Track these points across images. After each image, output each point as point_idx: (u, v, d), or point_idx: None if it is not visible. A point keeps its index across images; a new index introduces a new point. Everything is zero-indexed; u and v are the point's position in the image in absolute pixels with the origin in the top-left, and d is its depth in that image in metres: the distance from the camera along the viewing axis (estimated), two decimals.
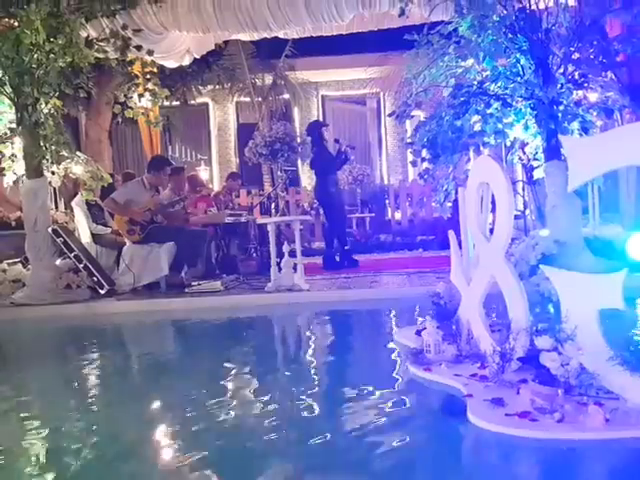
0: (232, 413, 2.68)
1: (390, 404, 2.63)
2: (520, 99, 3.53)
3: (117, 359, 4.18)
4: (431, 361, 3.03)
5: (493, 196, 2.99)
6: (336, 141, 7.92)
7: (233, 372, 3.51)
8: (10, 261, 7.10)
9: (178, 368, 3.75)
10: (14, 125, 6.40)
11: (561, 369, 2.32)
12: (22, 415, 2.86)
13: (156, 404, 3.00)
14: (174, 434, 2.51)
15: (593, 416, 2.13)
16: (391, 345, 3.75)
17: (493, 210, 3.13)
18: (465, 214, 3.32)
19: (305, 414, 2.62)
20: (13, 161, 6.71)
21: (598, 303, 2.34)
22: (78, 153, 7.65)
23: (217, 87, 13.66)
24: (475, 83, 3.61)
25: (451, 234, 3.48)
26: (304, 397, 2.85)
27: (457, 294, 3.41)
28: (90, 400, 3.14)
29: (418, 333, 3.38)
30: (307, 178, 13.79)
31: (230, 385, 3.24)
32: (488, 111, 3.49)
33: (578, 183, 2.58)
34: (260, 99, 13.58)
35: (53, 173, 6.73)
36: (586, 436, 2.10)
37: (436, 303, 3.48)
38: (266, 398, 2.87)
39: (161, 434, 2.57)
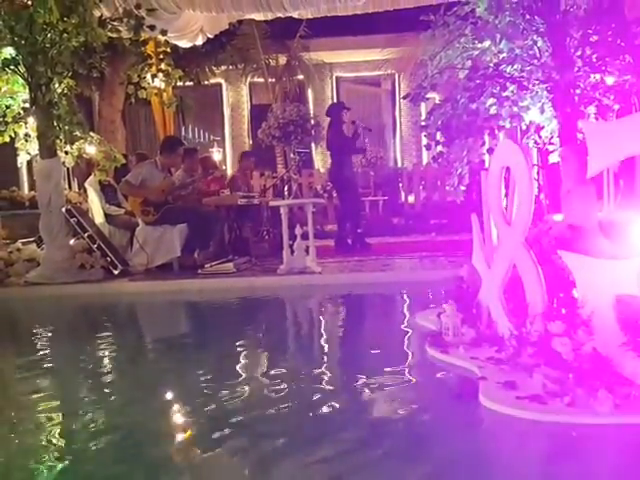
0: (244, 388, 2.71)
1: (402, 384, 2.65)
2: (536, 82, 3.49)
3: (129, 338, 4.21)
4: (450, 343, 3.03)
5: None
6: (353, 122, 7.89)
7: (245, 350, 3.54)
8: (24, 240, 7.16)
9: (190, 346, 3.77)
10: (28, 105, 6.42)
11: (572, 354, 2.31)
12: (37, 389, 2.91)
13: (169, 380, 3.03)
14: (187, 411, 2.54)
15: (602, 401, 2.13)
16: (410, 327, 3.76)
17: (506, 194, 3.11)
18: (487, 198, 3.29)
19: (318, 390, 2.64)
20: (27, 141, 6.76)
21: (614, 289, 2.33)
22: (91, 133, 7.69)
23: (230, 68, 13.62)
24: (491, 65, 3.57)
25: (474, 218, 3.44)
26: (317, 373, 2.89)
27: (479, 278, 3.39)
28: (102, 378, 3.18)
29: (439, 316, 3.38)
30: (320, 160, 13.75)
31: (242, 363, 3.26)
32: (504, 94, 3.46)
33: (598, 168, 2.54)
34: (274, 80, 13.52)
35: (67, 153, 6.76)
36: (594, 421, 2.10)
37: (457, 286, 3.46)
38: (279, 378, 2.89)
39: (177, 409, 2.61)
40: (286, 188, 9.17)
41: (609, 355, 2.30)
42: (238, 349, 3.58)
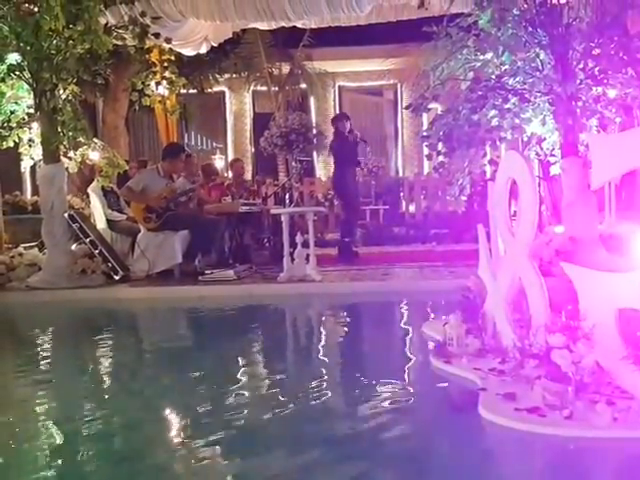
0: (241, 395, 2.71)
1: (403, 393, 2.66)
2: (538, 94, 3.50)
3: (128, 344, 4.22)
4: (453, 354, 3.03)
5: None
6: (350, 132, 7.95)
7: (244, 358, 3.54)
8: (26, 245, 7.17)
9: (188, 353, 3.77)
10: (32, 110, 6.45)
11: (572, 367, 2.31)
12: (35, 392, 2.91)
13: (166, 386, 3.03)
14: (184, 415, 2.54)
15: (601, 414, 2.12)
16: (415, 337, 3.76)
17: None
18: (493, 209, 3.28)
19: (316, 398, 2.65)
20: (31, 146, 6.78)
21: (616, 302, 2.32)
22: (95, 139, 7.71)
23: (234, 76, 13.66)
24: (493, 77, 3.58)
25: (480, 228, 3.44)
26: (317, 382, 2.89)
27: (485, 288, 3.39)
28: (101, 382, 3.18)
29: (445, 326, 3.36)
30: (322, 169, 13.77)
31: (240, 370, 3.26)
32: (506, 106, 3.47)
33: (602, 180, 2.55)
34: (277, 89, 13.55)
35: (70, 159, 6.78)
36: (592, 434, 2.09)
37: (464, 296, 3.45)
38: (277, 386, 2.90)
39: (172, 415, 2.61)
40: (287, 196, 9.17)
41: (610, 368, 2.30)
42: (237, 357, 3.58)
